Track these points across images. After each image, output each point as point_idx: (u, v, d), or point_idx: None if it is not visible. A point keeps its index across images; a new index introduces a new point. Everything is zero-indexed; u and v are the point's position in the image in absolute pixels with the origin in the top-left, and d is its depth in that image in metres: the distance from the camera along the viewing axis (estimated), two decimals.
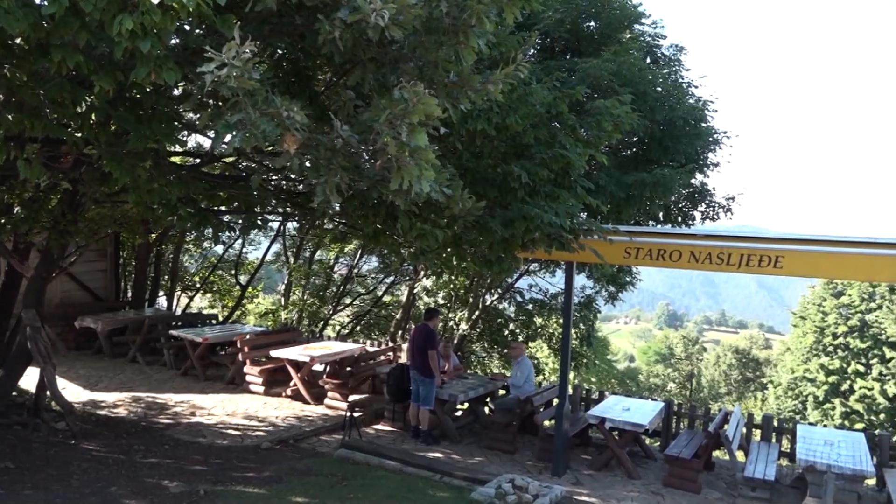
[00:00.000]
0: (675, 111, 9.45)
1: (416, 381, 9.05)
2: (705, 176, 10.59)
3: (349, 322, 19.81)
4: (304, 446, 8.54)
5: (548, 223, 6.17)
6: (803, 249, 7.21)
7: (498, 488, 6.79)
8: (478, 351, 17.25)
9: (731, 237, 7.58)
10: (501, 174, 6.30)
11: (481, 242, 6.54)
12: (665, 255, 7.59)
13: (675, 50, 10.77)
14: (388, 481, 7.10)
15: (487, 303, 15.62)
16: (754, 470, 7.83)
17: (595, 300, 14.89)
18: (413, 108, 3.65)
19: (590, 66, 8.57)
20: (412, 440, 9.14)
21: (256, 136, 3.56)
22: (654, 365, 52.16)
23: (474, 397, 9.80)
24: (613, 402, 9.55)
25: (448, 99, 4.42)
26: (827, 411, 30.58)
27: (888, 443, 8.95)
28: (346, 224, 8.01)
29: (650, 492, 7.94)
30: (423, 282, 16.30)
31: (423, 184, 3.82)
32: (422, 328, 9.22)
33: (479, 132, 5.91)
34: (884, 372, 29.51)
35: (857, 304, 31.42)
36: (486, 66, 5.93)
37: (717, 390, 44.87)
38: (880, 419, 28.41)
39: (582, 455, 9.13)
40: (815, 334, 32.66)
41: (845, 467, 7.03)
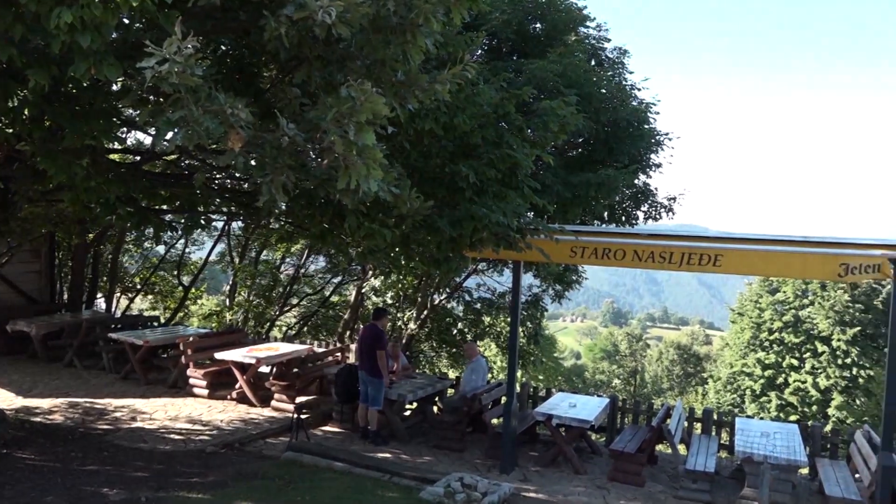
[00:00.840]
0: (619, 113, 9.65)
1: (364, 382, 9.00)
2: (648, 176, 10.85)
3: (296, 323, 19.56)
4: (251, 449, 8.40)
5: (495, 223, 6.22)
6: (741, 248, 7.46)
7: (447, 487, 6.81)
8: (426, 350, 17.26)
9: (672, 236, 7.78)
10: (449, 174, 6.32)
11: (429, 242, 6.55)
12: (610, 253, 7.74)
13: (618, 53, 10.98)
14: (337, 483, 7.04)
15: (436, 302, 15.65)
16: (695, 462, 8.05)
17: (542, 299, 15.07)
18: (360, 107, 3.63)
19: (536, 68, 8.66)
20: (361, 441, 9.08)
21: (199, 133, 3.48)
22: (600, 362, 53.14)
23: (423, 397, 9.81)
24: (560, 399, 9.69)
25: (396, 98, 4.42)
26: (763, 404, 31.69)
27: (820, 433, 9.33)
28: (293, 223, 7.92)
29: (596, 486, 8.08)
30: (371, 281, 16.22)
31: (371, 183, 3.81)
32: (370, 328, 9.18)
33: (426, 132, 5.92)
34: (816, 366, 30.75)
35: (791, 300, 32.67)
36: (433, 65, 5.95)
37: (660, 385, 45.99)
38: (813, 411, 29.59)
39: (530, 452, 9.24)
40: (752, 330, 33.81)
41: (780, 458, 7.29)
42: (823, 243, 7.39)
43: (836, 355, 30.19)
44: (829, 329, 30.54)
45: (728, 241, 7.63)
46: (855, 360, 29.63)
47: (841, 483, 7.75)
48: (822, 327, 30.78)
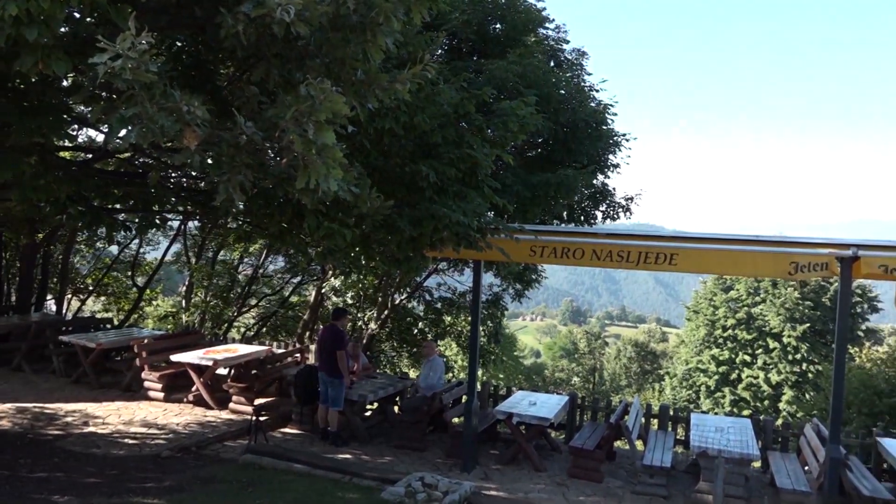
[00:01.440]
0: (578, 114, 9.75)
1: (324, 383, 8.93)
2: (606, 177, 11.00)
3: (255, 324, 19.29)
4: (208, 453, 8.26)
5: (456, 222, 6.23)
6: (695, 247, 7.62)
7: (408, 487, 6.80)
8: (387, 350, 17.20)
9: (630, 236, 7.91)
10: (409, 173, 6.32)
11: (390, 241, 6.53)
12: (569, 253, 7.82)
13: (577, 54, 11.11)
14: (297, 485, 6.97)
15: (396, 302, 15.61)
16: (652, 458, 8.20)
17: (502, 298, 15.16)
18: (320, 106, 3.60)
19: (496, 68, 8.71)
20: (321, 442, 9.02)
21: (154, 131, 3.41)
22: (560, 360, 53.67)
23: (384, 397, 9.78)
24: (520, 397, 9.76)
25: (356, 97, 4.39)
26: (718, 399, 32.45)
27: (771, 427, 9.60)
28: (251, 223, 7.81)
29: (556, 483, 8.17)
30: (331, 281, 16.09)
31: (331, 182, 3.78)
32: (330, 328, 9.11)
33: (387, 131, 5.90)
34: (767, 361, 31.61)
35: (744, 298, 33.51)
36: (393, 65, 5.93)
37: (618, 383, 46.66)
38: (765, 405, 30.41)
39: (490, 450, 9.28)
40: (706, 327, 34.58)
41: (734, 452, 7.48)
42: (774, 242, 7.61)
43: (787, 351, 31.08)
44: (780, 326, 31.43)
45: (683, 240, 7.79)
46: (804, 355, 30.54)
47: (791, 475, 7.98)
48: (773, 324, 31.65)
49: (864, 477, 7.78)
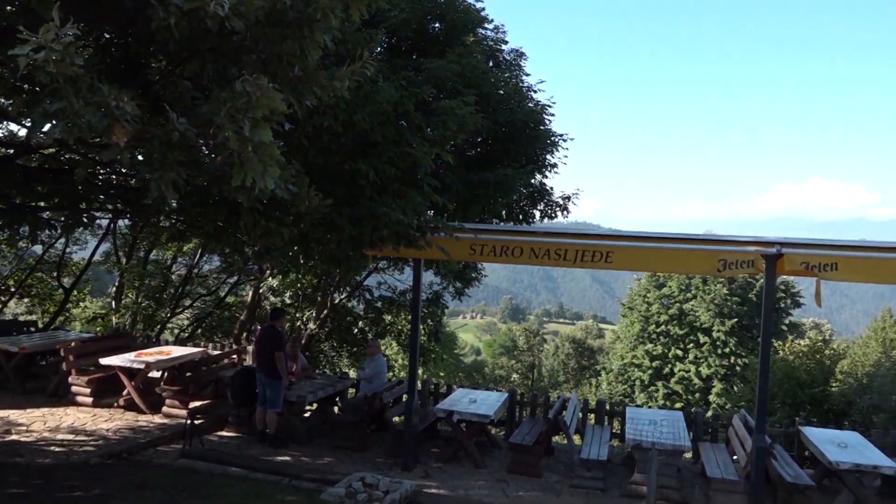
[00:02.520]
0: (516, 114, 9.85)
1: (262, 384, 8.78)
2: (544, 176, 11.13)
3: (189, 325, 18.77)
4: (140, 459, 8.01)
5: (396, 221, 6.22)
6: (630, 245, 7.83)
7: (348, 487, 6.75)
8: (327, 350, 17.02)
9: (567, 234, 8.06)
10: (349, 172, 6.26)
11: (329, 240, 6.47)
12: (508, 251, 7.92)
13: (515, 55, 11.21)
14: (234, 489, 6.84)
15: (336, 301, 15.46)
16: (589, 452, 8.39)
17: (442, 296, 15.19)
18: (256, 102, 3.53)
19: (435, 67, 8.71)
20: (259, 445, 8.86)
21: (80, 126, 3.28)
22: (499, 357, 54.14)
23: (323, 397, 9.68)
24: (461, 395, 9.82)
25: (293, 94, 4.32)
26: (652, 393, 33.37)
27: (702, 419, 9.94)
28: (185, 222, 7.59)
29: (496, 479, 8.25)
30: (268, 281, 15.81)
31: (268, 180, 3.71)
32: (268, 329, 8.97)
33: (325, 129, 5.83)
34: (698, 355, 32.70)
35: (676, 294, 34.55)
36: (332, 62, 5.86)
37: (556, 379, 47.40)
38: (696, 398, 31.45)
39: (431, 448, 9.31)
40: (641, 323, 35.51)
41: (667, 444, 7.71)
42: (704, 241, 7.89)
43: (717, 345, 32.23)
44: (709, 321, 32.55)
45: (618, 238, 7.99)
46: (733, 349, 31.73)
47: (720, 464, 8.29)
48: (703, 319, 32.75)
49: (787, 464, 8.15)
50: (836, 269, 6.96)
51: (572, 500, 7.70)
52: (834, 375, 15.95)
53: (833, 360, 17.49)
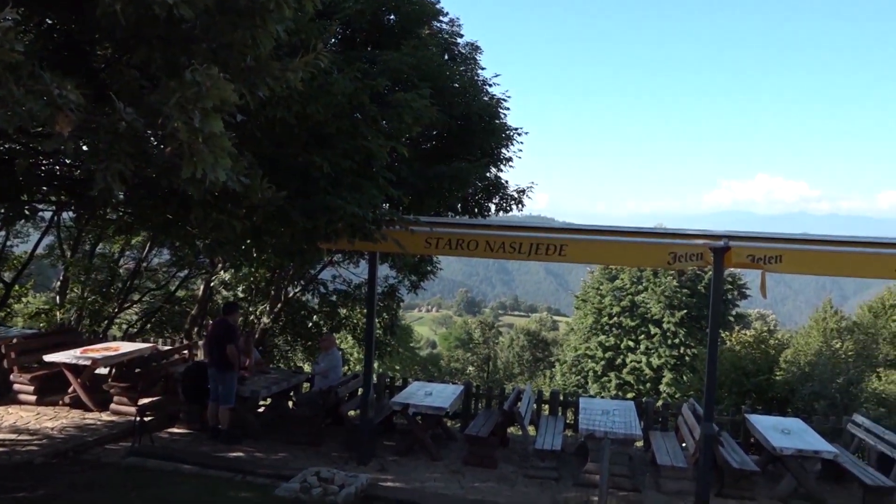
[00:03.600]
0: (472, 107, 9.86)
1: (214, 379, 8.64)
2: (499, 170, 11.18)
3: (138, 320, 18.31)
4: (87, 458, 7.80)
5: (351, 214, 6.17)
6: (583, 238, 7.94)
7: (303, 482, 6.71)
8: (281, 344, 16.82)
9: (522, 228, 8.13)
10: (303, 164, 6.19)
11: (283, 233, 6.39)
12: (463, 244, 7.94)
13: (471, 48, 11.22)
14: (186, 486, 6.72)
15: (290, 295, 15.28)
16: (543, 442, 8.50)
17: (398, 289, 15.15)
18: (206, 93, 3.46)
19: (390, 59, 8.66)
20: (211, 441, 8.72)
21: (21, 115, 3.16)
22: (455, 350, 54.35)
23: (277, 392, 9.58)
24: (416, 388, 9.84)
25: (245, 85, 4.24)
26: (604, 384, 33.99)
27: (653, 408, 10.17)
28: (133, 214, 7.39)
29: (451, 471, 8.30)
30: (220, 275, 15.54)
31: (219, 172, 3.64)
32: (220, 323, 8.82)
33: (278, 120, 5.75)
34: (649, 346, 33.42)
35: (628, 286, 35.21)
36: (285, 52, 5.77)
37: (511, 371, 47.84)
38: (647, 388, 32.15)
39: (387, 442, 9.30)
40: (594, 315, 36.09)
41: (619, 433, 7.87)
42: (655, 234, 8.06)
43: (667, 336, 32.98)
44: (660, 312, 33.27)
45: (572, 231, 8.09)
46: (682, 340, 32.52)
47: (670, 452, 8.50)
48: (654, 311, 33.46)
49: (734, 451, 8.40)
50: (780, 261, 7.18)
51: (527, 490, 7.79)
52: (778, 364, 16.50)
53: (777, 350, 18.07)
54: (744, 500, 7.79)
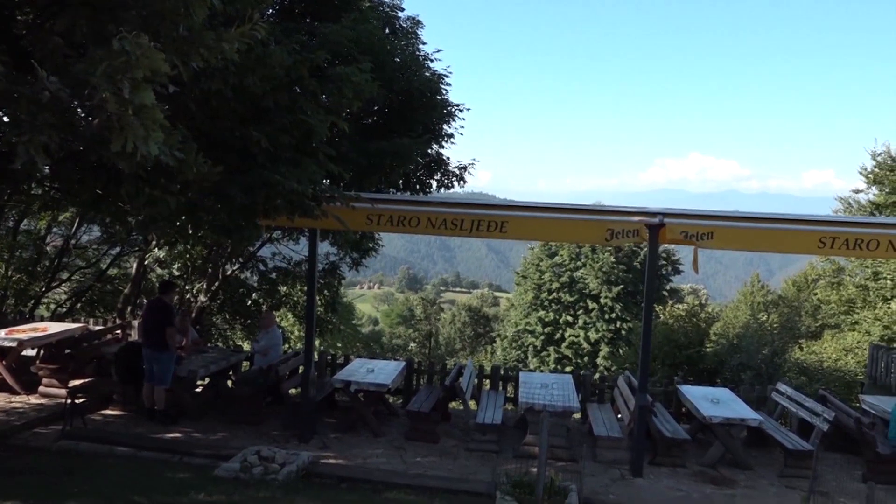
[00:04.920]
0: (413, 83, 9.78)
1: (149, 360, 8.43)
2: (441, 146, 11.16)
3: (67, 299, 17.63)
4: (15, 442, 7.52)
5: (290, 190, 6.06)
6: (524, 216, 8.03)
7: (243, 462, 6.65)
8: (219, 323, 16.50)
9: (463, 204, 8.16)
10: (240, 138, 6.03)
11: (219, 210, 6.22)
12: (405, 221, 7.93)
13: (412, 23, 11.09)
14: (121, 469, 6.56)
15: (228, 273, 14.96)
16: (484, 416, 8.63)
17: (339, 267, 15.03)
18: (136, 62, 3.32)
19: (330, 32, 8.48)
20: (147, 422, 8.53)
21: None
22: (397, 327, 54.48)
23: (216, 371, 9.42)
24: (358, 364, 9.83)
25: (177, 55, 4.08)
26: (544, 358, 34.71)
27: (590, 381, 10.44)
28: (60, 189, 7.09)
29: (394, 447, 8.35)
30: (154, 252, 15.07)
31: (151, 146, 3.51)
32: (156, 303, 8.60)
33: (213, 93, 5.57)
34: (587, 321, 34.24)
35: (567, 263, 35.91)
36: (220, 22, 5.58)
37: (453, 347, 48.31)
38: (585, 361, 32.99)
39: (329, 419, 9.27)
40: (534, 291, 36.70)
41: (557, 406, 8.06)
42: (593, 211, 8.22)
43: (604, 311, 33.85)
44: (598, 288, 34.08)
45: (513, 208, 8.17)
46: (619, 314, 33.43)
47: (606, 423, 8.76)
48: (592, 286, 34.25)
49: (666, 420, 8.72)
50: (711, 237, 7.44)
51: (468, 464, 7.92)
52: (708, 337, 17.17)
53: (708, 323, 18.78)
54: (675, 467, 8.11)
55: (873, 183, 22.57)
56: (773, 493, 7.54)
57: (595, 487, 7.21)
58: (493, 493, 6.30)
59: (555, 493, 6.23)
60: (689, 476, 7.91)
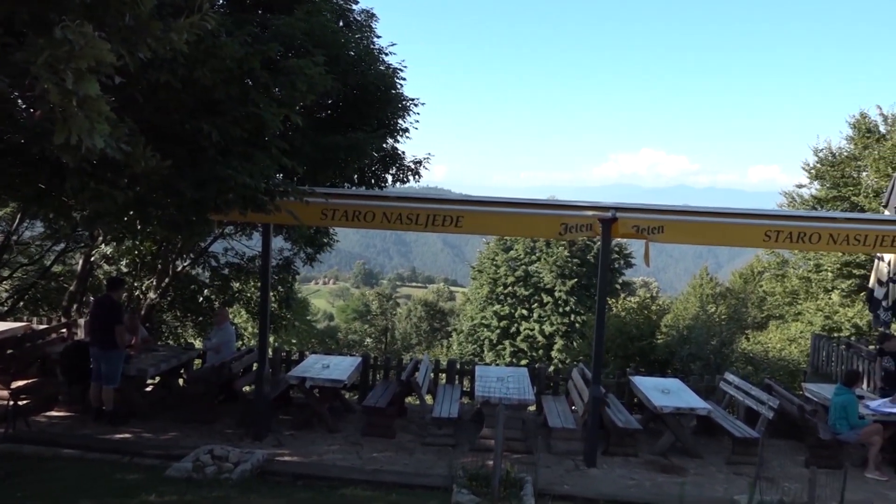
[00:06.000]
0: (368, 76, 9.71)
1: (96, 359, 8.21)
2: (396, 140, 11.10)
3: (9, 298, 17.02)
4: None
5: (242, 184, 5.96)
6: (479, 210, 8.07)
7: (196, 461, 6.53)
8: (170, 321, 16.15)
9: (419, 199, 8.16)
10: (190, 131, 5.89)
11: (169, 204, 6.08)
12: (360, 216, 7.88)
13: (366, 16, 11.00)
14: (67, 472, 6.38)
15: (179, 269, 14.64)
16: (441, 410, 8.66)
17: (293, 262, 14.84)
18: (80, 52, 3.20)
19: (283, 24, 8.36)
20: (95, 423, 8.31)
21: None
22: (353, 322, 54.19)
23: (167, 370, 9.22)
24: (313, 361, 9.74)
25: (124, 45, 3.96)
26: (499, 352, 34.96)
27: (545, 374, 10.56)
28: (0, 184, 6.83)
29: (350, 443, 8.32)
30: (101, 248, 14.64)
31: (96, 138, 3.40)
32: (103, 300, 8.37)
33: (162, 85, 5.42)
34: (542, 314, 34.60)
35: (522, 257, 36.19)
36: (168, 12, 5.44)
37: (409, 341, 48.28)
38: (539, 354, 33.35)
39: (284, 416, 9.18)
40: (489, 285, 36.89)
41: (513, 398, 8.13)
42: (547, 206, 8.31)
43: (558, 304, 34.24)
44: (552, 282, 34.45)
45: (468, 203, 8.20)
46: (573, 307, 33.86)
47: (561, 415, 8.88)
48: (546, 280, 34.61)
49: (619, 411, 8.89)
50: (662, 231, 7.60)
51: (424, 458, 7.93)
52: (659, 329, 17.53)
53: (659, 315, 19.18)
54: (628, 456, 8.27)
55: (815, 178, 23.38)
56: (722, 480, 7.76)
57: (550, 478, 7.30)
58: (450, 486, 6.33)
59: (510, 485, 6.28)
60: (641, 465, 8.08)
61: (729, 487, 7.47)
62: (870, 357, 11.22)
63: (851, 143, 22.44)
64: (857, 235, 7.64)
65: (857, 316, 19.14)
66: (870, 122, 22.12)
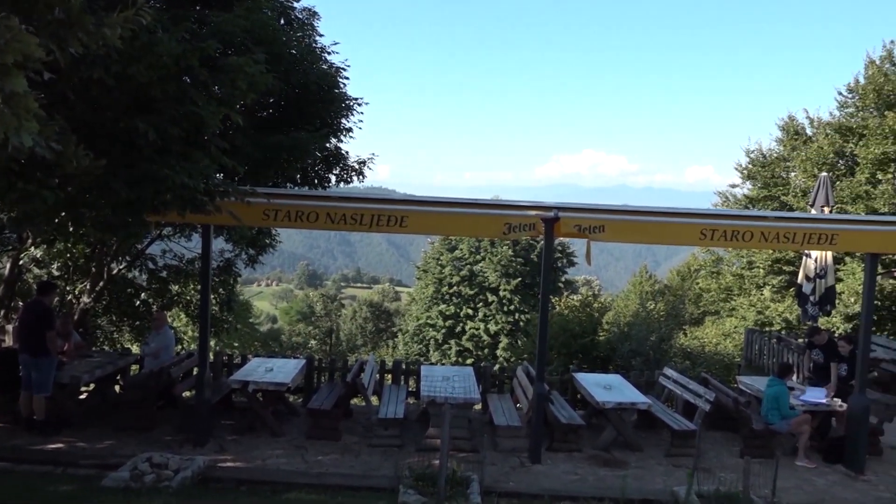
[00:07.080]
0: (310, 75, 9.60)
1: (26, 366, 7.88)
2: (339, 140, 11.01)
3: None
4: None
5: (180, 184, 5.80)
6: (424, 210, 8.08)
7: (133, 470, 6.35)
8: (105, 325, 15.61)
9: (363, 199, 8.11)
10: (125, 130, 5.71)
11: (103, 205, 5.88)
12: (303, 216, 7.79)
13: (308, 14, 10.87)
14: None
15: (114, 272, 14.17)
16: (386, 411, 8.63)
17: (235, 264, 14.55)
18: (5, 46, 3.07)
19: (222, 21, 8.19)
20: (25, 433, 7.97)
21: None
22: (297, 324, 53.44)
23: (102, 376, 8.93)
24: (256, 364, 9.58)
25: (53, 40, 3.81)
26: (445, 351, 35.09)
27: (490, 372, 10.65)
28: None
29: (294, 446, 8.21)
30: (30, 251, 14.05)
31: (24, 136, 3.26)
32: (33, 306, 8.05)
33: (95, 81, 5.24)
34: (487, 314, 34.89)
35: (466, 256, 36.41)
36: (101, 6, 5.27)
37: (354, 342, 47.97)
38: (485, 353, 33.62)
39: (225, 421, 8.99)
40: (434, 285, 36.99)
41: (459, 398, 8.17)
42: (491, 206, 8.39)
43: (503, 303, 34.59)
44: (497, 281, 34.78)
45: (413, 203, 8.20)
46: (517, 306, 34.25)
47: (506, 413, 8.97)
48: (491, 279, 34.92)
49: (562, 408, 9.04)
50: (603, 231, 7.76)
51: (370, 459, 7.90)
52: (601, 326, 17.89)
53: (600, 313, 19.56)
54: (572, 452, 8.42)
55: (748, 178, 24.27)
56: (661, 472, 7.97)
57: (496, 476, 7.37)
58: (396, 487, 6.32)
59: (457, 484, 6.32)
60: (584, 460, 8.23)
61: (668, 479, 7.68)
62: (799, 350, 11.72)
63: (781, 145, 23.39)
64: (787, 233, 7.97)
65: (787, 311, 19.95)
66: (797, 125, 23.11)
